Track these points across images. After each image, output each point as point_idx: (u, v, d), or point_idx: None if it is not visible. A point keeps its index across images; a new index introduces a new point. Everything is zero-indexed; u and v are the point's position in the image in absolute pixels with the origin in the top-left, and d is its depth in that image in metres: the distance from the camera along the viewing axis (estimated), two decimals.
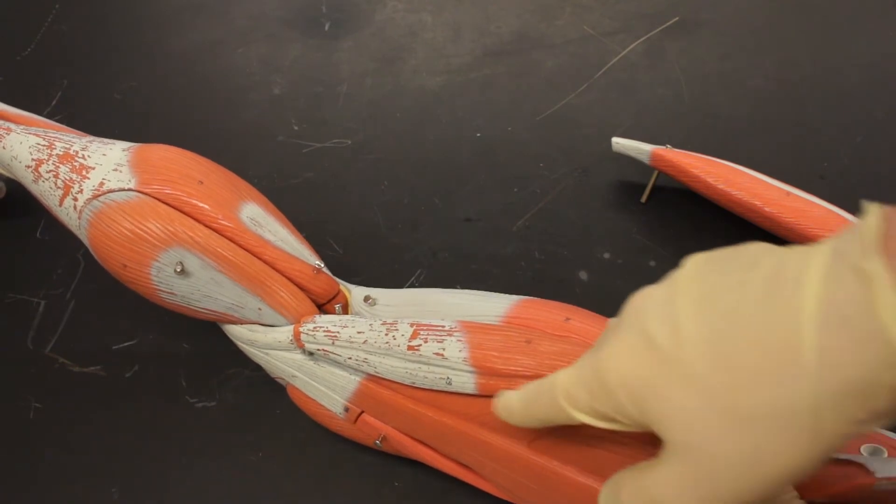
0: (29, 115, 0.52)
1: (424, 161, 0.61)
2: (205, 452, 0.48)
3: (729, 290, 0.25)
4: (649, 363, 0.27)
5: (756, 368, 0.24)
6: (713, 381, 0.25)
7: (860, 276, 0.22)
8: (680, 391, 0.26)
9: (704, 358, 0.25)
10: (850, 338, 0.22)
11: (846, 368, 0.22)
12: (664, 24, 0.68)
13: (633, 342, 0.27)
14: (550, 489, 0.37)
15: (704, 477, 0.26)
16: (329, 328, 0.42)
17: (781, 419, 0.23)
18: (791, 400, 0.23)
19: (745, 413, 0.24)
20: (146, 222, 0.41)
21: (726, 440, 0.25)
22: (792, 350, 0.23)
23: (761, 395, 0.24)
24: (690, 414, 0.25)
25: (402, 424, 0.42)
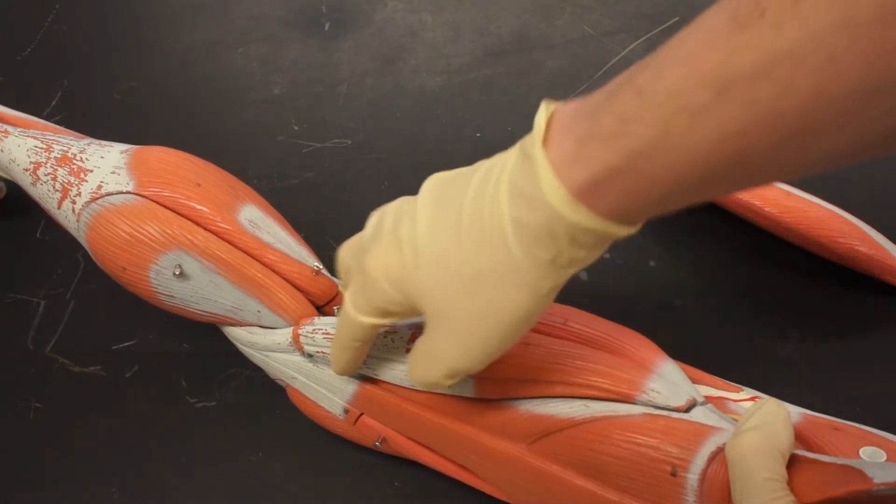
0: (27, 118, 0.52)
1: (424, 161, 0.61)
2: (205, 452, 0.48)
3: (457, 188, 0.32)
4: (401, 253, 0.33)
5: (479, 241, 0.30)
6: (450, 258, 0.31)
7: (530, 161, 0.28)
8: (430, 270, 0.32)
9: (442, 241, 0.32)
10: (530, 207, 0.28)
11: (531, 228, 0.29)
12: (664, 24, 0.68)
13: (387, 240, 0.34)
14: (549, 492, 0.37)
15: (455, 334, 0.32)
16: (328, 330, 0.42)
17: (499, 276, 0.30)
18: (502, 259, 0.30)
19: (475, 276, 0.31)
20: (144, 225, 0.41)
21: (465, 300, 0.31)
22: (497, 222, 0.29)
23: (484, 260, 0.30)
24: (438, 286, 0.32)
25: (402, 426, 0.42)
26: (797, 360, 0.48)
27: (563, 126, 0.28)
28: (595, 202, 0.27)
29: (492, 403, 0.38)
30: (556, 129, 0.28)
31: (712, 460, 0.33)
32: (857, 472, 0.27)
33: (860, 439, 0.37)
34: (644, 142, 0.25)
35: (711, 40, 0.23)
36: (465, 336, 0.32)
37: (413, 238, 0.33)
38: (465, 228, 0.31)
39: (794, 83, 0.22)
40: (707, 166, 0.25)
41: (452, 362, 0.33)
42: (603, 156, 0.26)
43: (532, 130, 0.29)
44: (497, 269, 0.30)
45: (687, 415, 0.35)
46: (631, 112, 0.25)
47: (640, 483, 0.34)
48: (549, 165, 0.28)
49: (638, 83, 0.25)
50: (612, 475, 0.35)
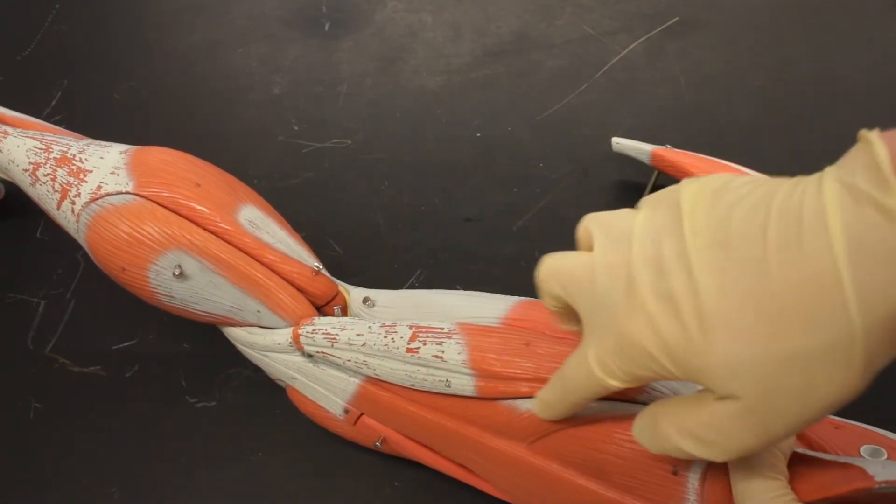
0: (26, 118, 0.52)
1: (424, 161, 0.61)
2: (204, 452, 0.48)
3: (742, 236, 0.25)
4: (680, 324, 0.27)
5: (798, 312, 0.24)
6: (756, 331, 0.25)
7: (884, 213, 0.22)
8: (724, 346, 0.26)
9: (742, 311, 0.25)
10: (885, 272, 0.22)
11: (886, 301, 0.23)
12: (664, 24, 0.68)
13: (655, 303, 0.27)
14: (550, 491, 0.37)
15: (756, 418, 0.26)
16: (328, 330, 0.42)
17: (831, 355, 0.24)
18: (838, 337, 0.24)
19: (796, 355, 0.24)
20: (144, 225, 0.41)
21: (778, 383, 0.25)
22: (830, 290, 0.23)
23: (809, 337, 0.24)
24: (738, 365, 0.26)
25: (402, 426, 0.42)
26: None
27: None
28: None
29: (493, 403, 0.38)
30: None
31: None
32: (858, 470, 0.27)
33: (861, 437, 0.37)
34: None
35: None
36: (767, 419, 0.26)
37: (697, 305, 0.26)
38: (772, 300, 0.25)
39: None
40: None
41: (745, 442, 0.27)
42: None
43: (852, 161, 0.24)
44: (826, 348, 0.24)
45: None
46: None
47: (641, 482, 0.34)
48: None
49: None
50: (613, 474, 0.35)
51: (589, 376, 0.31)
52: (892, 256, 0.22)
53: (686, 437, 0.28)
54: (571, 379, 0.32)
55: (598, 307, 0.30)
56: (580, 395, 0.32)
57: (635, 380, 0.29)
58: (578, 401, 0.33)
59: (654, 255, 0.27)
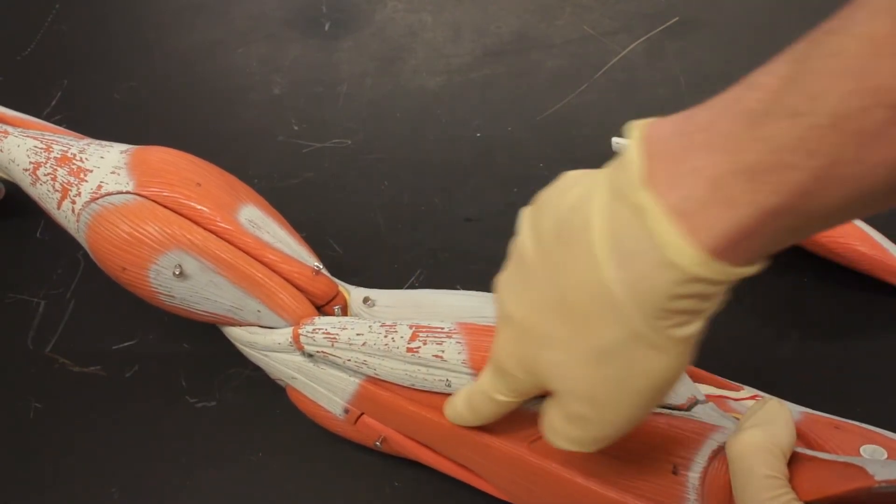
0: (26, 118, 0.52)
1: (424, 161, 0.61)
2: (205, 452, 0.48)
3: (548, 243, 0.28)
4: (520, 340, 0.30)
5: (585, 313, 0.26)
6: (565, 335, 0.27)
7: (635, 211, 0.24)
8: (549, 352, 0.29)
9: (552, 318, 0.28)
10: (643, 267, 0.24)
11: (649, 294, 0.24)
12: (664, 24, 0.68)
13: (503, 329, 0.31)
14: (549, 491, 0.37)
15: (589, 411, 0.29)
16: (328, 330, 0.42)
17: (628, 346, 0.26)
18: (625, 330, 0.25)
19: (596, 351, 0.27)
20: (144, 225, 0.41)
21: (593, 378, 0.27)
22: (602, 289, 0.25)
23: (600, 334, 0.26)
24: (561, 366, 0.28)
25: (402, 426, 0.42)
26: (797, 360, 0.48)
27: (670, 158, 0.23)
28: (735, 252, 0.23)
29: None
30: (662, 163, 0.23)
31: (713, 458, 0.33)
32: (858, 469, 0.27)
33: (861, 437, 0.37)
34: (808, 176, 0.21)
35: (879, 49, 0.19)
36: (600, 411, 0.28)
37: (519, 321, 0.30)
38: (566, 306, 0.27)
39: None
40: (873, 195, 0.21)
41: (595, 433, 0.30)
42: (755, 197, 0.22)
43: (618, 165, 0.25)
44: (618, 343, 0.26)
45: (688, 413, 0.35)
46: (787, 141, 0.21)
47: (641, 481, 0.34)
48: (668, 216, 0.23)
49: (789, 104, 0.21)
50: (612, 474, 0.35)
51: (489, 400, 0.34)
52: (643, 250, 0.24)
53: (557, 436, 0.31)
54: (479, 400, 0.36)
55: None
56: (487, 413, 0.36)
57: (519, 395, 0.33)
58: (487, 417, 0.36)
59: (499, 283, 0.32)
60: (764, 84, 0.22)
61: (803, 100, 0.21)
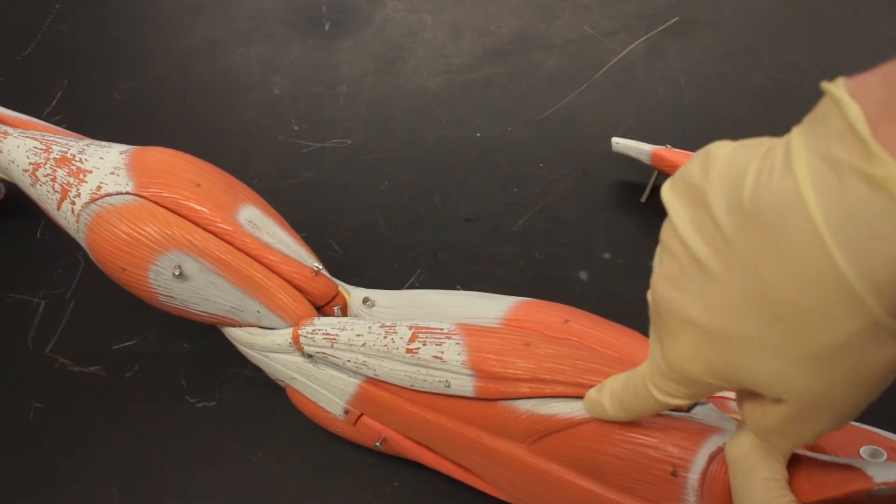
0: (26, 118, 0.52)
1: (424, 161, 0.61)
2: (205, 452, 0.48)
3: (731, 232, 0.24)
4: (711, 347, 0.26)
5: (807, 310, 0.23)
6: (775, 338, 0.24)
7: (871, 184, 0.20)
8: (754, 358, 0.25)
9: (755, 320, 0.24)
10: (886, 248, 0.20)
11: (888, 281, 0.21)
12: (664, 24, 0.68)
13: (684, 335, 0.27)
14: (549, 491, 0.37)
15: (815, 411, 0.26)
16: (328, 331, 0.42)
17: (860, 341, 0.23)
18: (861, 323, 0.22)
19: (824, 352, 0.23)
20: (144, 226, 0.41)
21: (819, 380, 0.24)
22: (831, 280, 0.22)
23: (829, 333, 0.23)
24: (779, 372, 0.25)
25: (402, 427, 0.42)
26: None
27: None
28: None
29: (492, 404, 0.38)
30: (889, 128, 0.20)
31: (713, 460, 0.32)
32: (857, 471, 0.27)
33: (861, 438, 0.37)
34: None
35: None
36: (826, 409, 0.26)
37: (706, 325, 0.26)
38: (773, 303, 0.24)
39: None
40: None
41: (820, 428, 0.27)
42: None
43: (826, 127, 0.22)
44: (850, 339, 0.23)
45: (687, 414, 0.35)
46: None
47: (640, 483, 0.34)
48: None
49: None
50: (612, 475, 0.35)
51: (650, 398, 0.31)
52: (888, 229, 0.20)
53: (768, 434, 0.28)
54: (634, 395, 0.32)
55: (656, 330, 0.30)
56: (640, 410, 0.33)
57: (692, 397, 0.30)
58: (635, 413, 0.33)
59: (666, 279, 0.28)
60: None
61: None
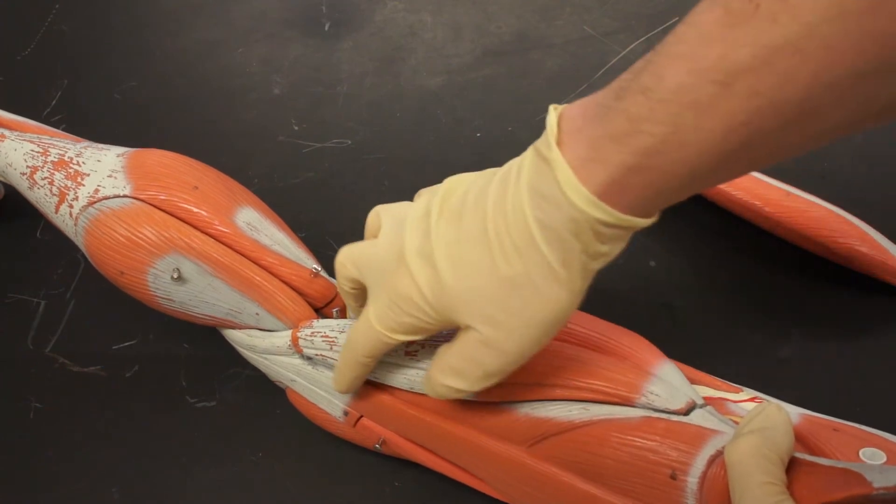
0: (23, 120, 0.52)
1: (424, 161, 0.61)
2: (205, 452, 0.48)
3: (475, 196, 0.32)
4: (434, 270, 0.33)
5: (507, 246, 0.31)
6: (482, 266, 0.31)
7: (547, 163, 0.29)
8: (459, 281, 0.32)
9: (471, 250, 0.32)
10: (553, 209, 0.29)
11: (556, 229, 0.29)
12: (664, 24, 0.68)
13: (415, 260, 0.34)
14: (548, 494, 0.37)
15: (490, 337, 0.32)
16: (327, 333, 0.42)
17: (531, 276, 0.31)
18: (532, 260, 0.30)
19: (507, 279, 0.31)
20: (142, 229, 0.41)
21: (499, 304, 0.32)
22: (523, 226, 0.30)
23: (514, 264, 0.31)
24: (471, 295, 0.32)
25: (402, 429, 0.42)
26: (797, 360, 0.48)
27: (574, 127, 0.29)
28: (615, 199, 0.28)
29: (491, 406, 0.38)
30: (568, 131, 0.29)
31: (712, 463, 0.32)
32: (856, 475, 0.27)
33: (860, 440, 0.37)
34: (655, 140, 0.26)
35: (708, 35, 0.24)
36: (500, 338, 0.32)
37: (443, 252, 0.33)
38: (492, 235, 0.31)
39: (793, 72, 0.23)
40: (716, 156, 0.26)
41: (487, 365, 0.33)
42: (618, 156, 0.27)
43: (544, 133, 0.30)
44: (528, 271, 0.31)
45: (686, 418, 0.35)
46: (640, 111, 0.26)
47: (639, 486, 0.34)
48: (568, 167, 0.28)
49: (643, 82, 0.26)
50: (611, 478, 0.35)
51: (369, 331, 0.36)
52: (552, 192, 0.29)
53: (446, 372, 0.35)
54: (353, 342, 0.37)
55: (377, 274, 0.36)
56: (362, 355, 0.37)
57: (410, 330, 0.35)
58: (362, 360, 0.38)
59: (418, 228, 0.34)
60: (633, 67, 0.27)
61: (652, 78, 0.25)
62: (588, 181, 0.28)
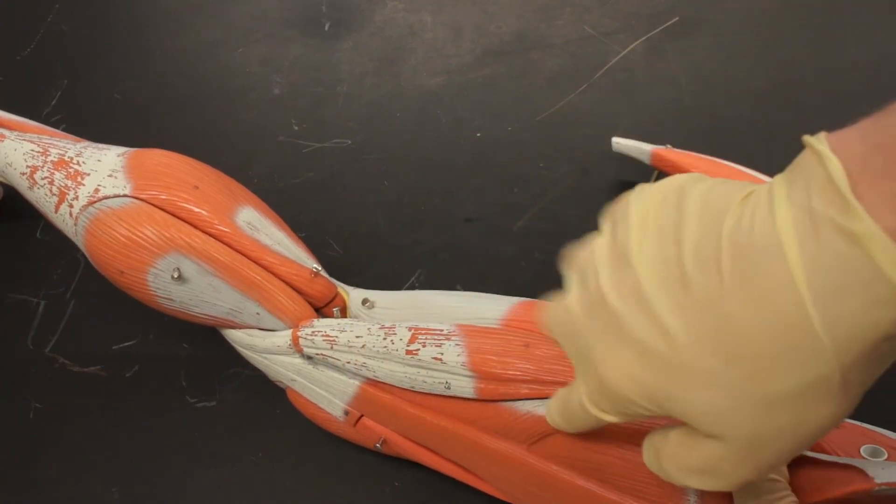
0: (23, 121, 0.52)
1: (424, 161, 0.61)
2: (205, 452, 0.48)
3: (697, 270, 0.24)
4: (654, 370, 0.25)
5: (769, 354, 0.23)
6: (730, 377, 0.24)
7: (847, 238, 0.20)
8: (699, 393, 0.25)
9: (713, 356, 0.24)
10: (860, 304, 0.21)
11: (864, 333, 0.21)
12: (664, 24, 0.68)
13: (623, 351, 0.26)
14: (550, 492, 0.37)
15: (746, 454, 0.25)
16: (327, 332, 0.42)
17: (812, 393, 0.23)
18: (816, 375, 0.22)
19: (776, 397, 0.23)
20: (142, 228, 0.41)
21: (764, 424, 0.24)
22: (799, 329, 0.22)
23: (785, 379, 0.23)
24: (719, 410, 0.24)
25: (402, 428, 0.42)
26: None
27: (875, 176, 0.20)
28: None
29: (492, 405, 0.38)
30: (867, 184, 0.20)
31: None
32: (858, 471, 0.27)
33: (862, 437, 0.37)
34: None
35: None
36: (759, 455, 0.25)
37: (667, 351, 0.25)
38: (738, 343, 0.23)
39: None
40: None
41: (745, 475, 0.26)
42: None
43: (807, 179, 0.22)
44: (801, 389, 0.23)
45: None
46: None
47: (641, 483, 0.34)
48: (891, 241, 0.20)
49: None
50: (612, 475, 0.35)
51: (586, 412, 0.30)
52: (859, 285, 0.20)
53: (687, 474, 0.28)
54: (573, 410, 0.31)
55: (579, 349, 0.29)
56: (584, 425, 0.32)
57: (627, 417, 0.29)
58: (586, 427, 0.32)
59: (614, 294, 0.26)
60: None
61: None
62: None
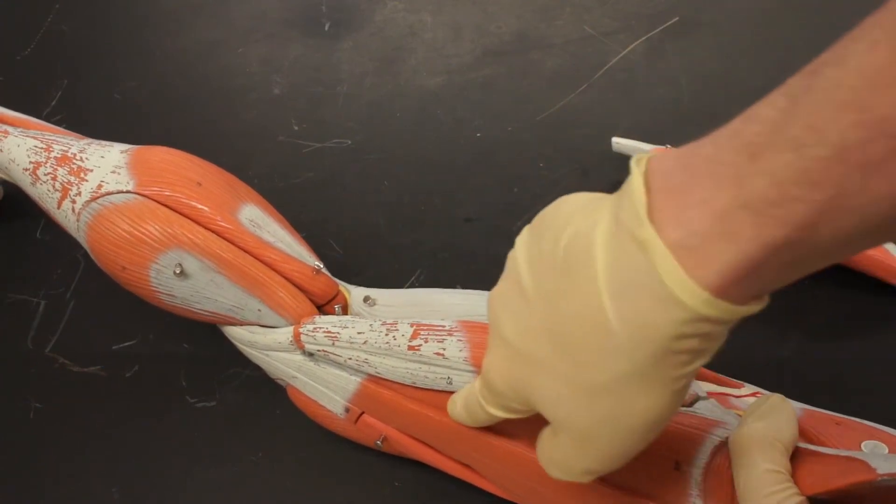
0: (26, 118, 0.52)
1: (424, 161, 0.61)
2: (205, 452, 0.48)
3: (547, 269, 0.27)
4: (513, 362, 0.29)
5: (584, 346, 0.25)
6: (560, 366, 0.27)
7: (639, 245, 0.23)
8: (541, 380, 0.28)
9: (547, 346, 0.27)
10: (646, 304, 0.23)
11: (651, 332, 0.23)
12: (664, 24, 0.68)
13: (498, 347, 0.31)
14: (551, 489, 0.37)
15: (581, 444, 0.28)
16: (329, 329, 0.42)
17: (624, 384, 0.25)
18: (623, 367, 0.25)
19: (596, 387, 0.26)
20: (145, 224, 0.41)
21: (586, 412, 0.27)
22: (602, 323, 0.24)
23: (601, 371, 0.25)
24: (555, 396, 0.28)
25: (403, 425, 0.42)
26: (798, 360, 0.48)
27: (675, 193, 0.23)
28: (740, 289, 0.23)
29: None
30: (666, 199, 0.23)
31: (716, 454, 0.33)
32: (860, 463, 0.27)
33: (862, 433, 0.37)
34: (814, 207, 0.20)
35: (879, 81, 0.19)
36: (593, 445, 0.28)
37: (513, 342, 0.29)
38: (563, 335, 0.26)
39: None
40: (874, 225, 0.21)
41: (586, 465, 0.29)
42: (760, 231, 0.21)
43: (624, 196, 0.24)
44: (615, 380, 0.25)
45: (690, 409, 0.35)
46: (791, 173, 0.21)
47: (643, 478, 0.34)
48: (672, 253, 0.22)
49: (792, 136, 0.21)
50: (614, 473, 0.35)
51: (481, 406, 0.34)
52: (646, 286, 0.23)
53: (550, 465, 0.31)
54: (472, 406, 0.35)
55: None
56: (480, 418, 0.35)
57: (505, 410, 0.32)
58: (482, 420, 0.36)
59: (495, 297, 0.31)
60: (763, 117, 0.22)
61: (806, 132, 0.20)
62: (706, 268, 0.22)
